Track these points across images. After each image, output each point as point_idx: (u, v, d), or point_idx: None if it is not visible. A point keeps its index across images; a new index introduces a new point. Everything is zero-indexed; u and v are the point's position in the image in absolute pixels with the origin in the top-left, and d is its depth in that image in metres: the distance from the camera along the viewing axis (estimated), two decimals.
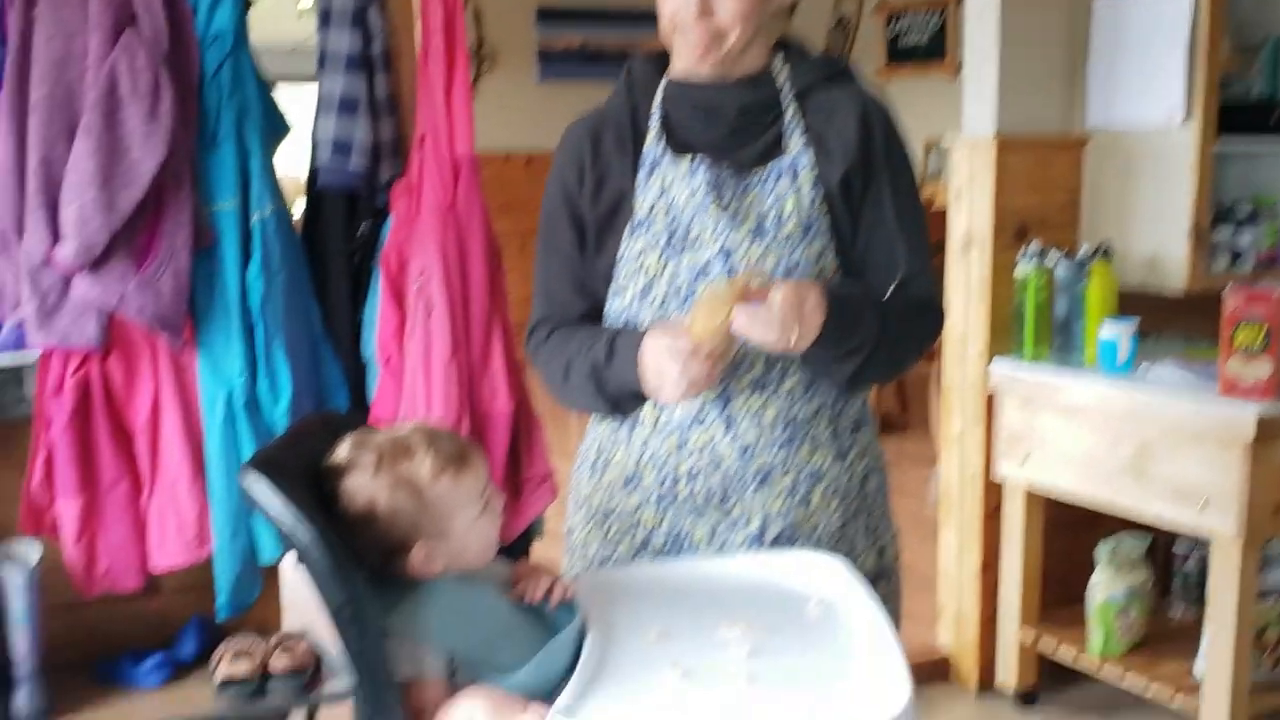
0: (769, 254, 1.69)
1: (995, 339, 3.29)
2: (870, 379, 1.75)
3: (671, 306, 1.71)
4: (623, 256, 1.75)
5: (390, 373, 2.52)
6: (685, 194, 1.71)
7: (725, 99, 1.74)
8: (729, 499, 1.73)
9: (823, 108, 1.75)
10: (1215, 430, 2.74)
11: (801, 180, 1.71)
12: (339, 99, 2.46)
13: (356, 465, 1.45)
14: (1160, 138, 3.17)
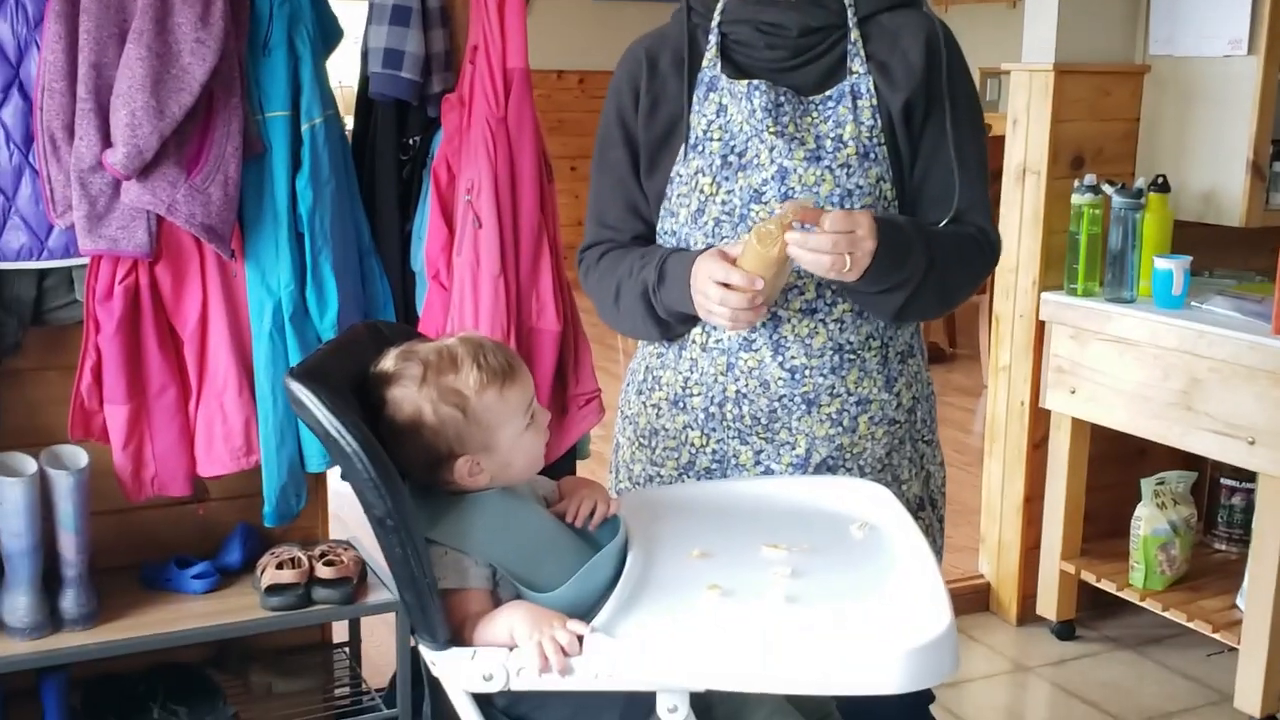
0: (825, 178, 1.67)
1: (1047, 270, 3.26)
2: (919, 313, 1.73)
3: (725, 229, 1.70)
4: (676, 177, 1.74)
5: (438, 287, 2.52)
6: (742, 116, 1.69)
7: (788, 19, 1.71)
8: (775, 423, 1.73)
9: (887, 32, 1.73)
10: (1266, 367, 2.70)
11: (862, 106, 1.69)
12: (391, 7, 2.44)
13: (403, 375, 1.45)
14: (1222, 68, 3.10)
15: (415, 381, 1.45)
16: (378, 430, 1.42)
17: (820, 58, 1.72)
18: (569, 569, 1.41)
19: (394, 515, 1.32)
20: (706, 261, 1.60)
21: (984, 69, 7.26)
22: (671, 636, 1.30)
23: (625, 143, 1.79)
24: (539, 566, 1.42)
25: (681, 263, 1.66)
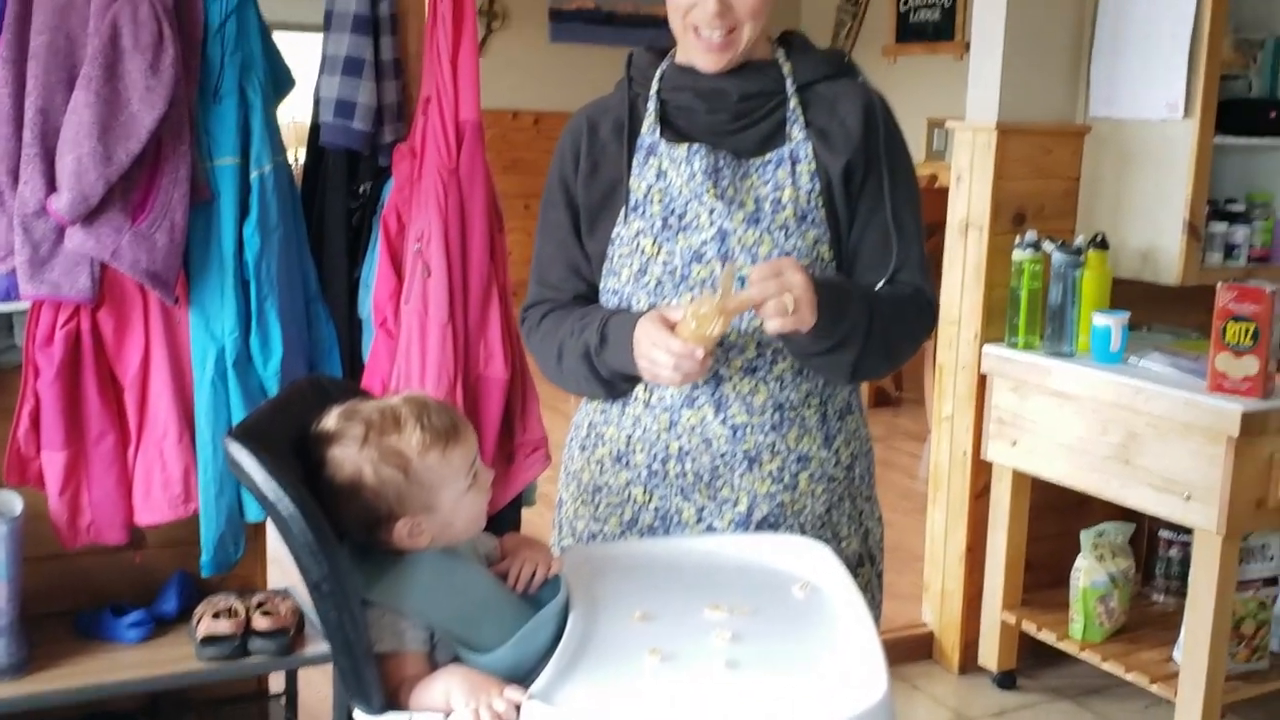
0: (764, 240, 1.70)
1: (989, 323, 3.31)
2: (870, 370, 1.75)
3: (667, 288, 1.73)
4: (618, 238, 1.77)
5: (385, 334, 2.52)
6: (682, 179, 1.73)
7: (728, 86, 1.75)
8: (717, 480, 1.75)
9: (825, 101, 1.77)
10: (1201, 424, 2.76)
11: (800, 170, 1.72)
12: (344, 59, 2.45)
13: (344, 435, 1.45)
14: (1160, 130, 3.17)
15: (357, 441, 1.44)
16: (317, 489, 1.42)
17: (759, 122, 1.76)
18: (509, 630, 1.41)
19: (330, 580, 1.32)
20: (648, 327, 1.62)
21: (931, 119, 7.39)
22: (610, 705, 1.30)
23: (566, 205, 1.82)
24: (478, 628, 1.42)
25: (623, 325, 1.68)
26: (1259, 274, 3.22)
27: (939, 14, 7.49)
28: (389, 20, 2.49)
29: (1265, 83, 3.32)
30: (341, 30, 2.44)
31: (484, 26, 7.60)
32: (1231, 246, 3.26)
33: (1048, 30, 3.28)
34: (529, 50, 7.77)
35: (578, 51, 7.82)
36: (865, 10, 8.08)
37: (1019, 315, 3.17)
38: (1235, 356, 2.74)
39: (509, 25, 7.74)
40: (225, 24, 2.28)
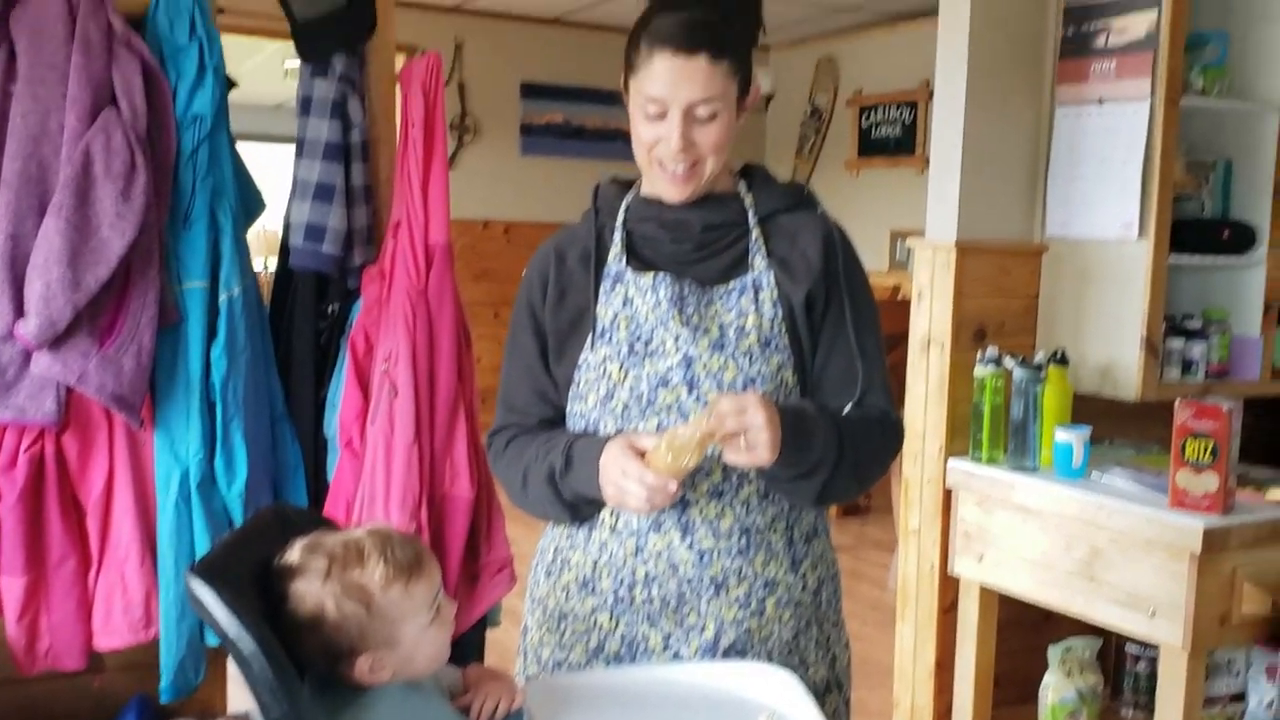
0: (729, 365, 1.73)
1: (953, 438, 3.34)
2: (839, 494, 1.77)
3: (633, 413, 1.75)
4: (585, 364, 1.79)
5: (351, 454, 2.53)
6: (648, 307, 1.76)
7: (692, 217, 1.79)
8: (684, 606, 1.75)
9: (786, 232, 1.81)
10: (1164, 540, 2.78)
11: (763, 298, 1.76)
12: (315, 185, 2.49)
13: (307, 569, 1.45)
14: (1115, 250, 3.24)
15: (319, 576, 1.44)
16: (279, 623, 1.41)
17: (723, 252, 1.80)
18: None
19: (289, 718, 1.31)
20: (618, 455, 1.64)
21: (895, 230, 7.52)
22: None
23: (534, 332, 1.85)
24: None
25: (588, 450, 1.70)
26: (1217, 389, 3.27)
27: (900, 129, 7.66)
28: (360, 147, 2.53)
29: (1217, 203, 3.41)
30: (313, 157, 2.48)
31: (456, 140, 7.73)
32: (1189, 362, 3.32)
33: (1004, 151, 3.37)
34: (500, 162, 7.91)
35: (547, 164, 7.96)
36: (828, 126, 8.26)
37: (982, 430, 3.21)
38: (1195, 473, 2.77)
39: (480, 138, 7.88)
40: (197, 151, 2.32)
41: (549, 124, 8.02)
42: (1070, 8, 3.31)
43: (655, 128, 1.73)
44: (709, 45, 1.69)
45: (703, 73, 1.69)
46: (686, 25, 1.69)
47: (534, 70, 7.94)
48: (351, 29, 2.51)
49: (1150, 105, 3.12)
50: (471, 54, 7.77)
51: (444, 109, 2.48)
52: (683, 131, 1.70)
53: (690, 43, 1.68)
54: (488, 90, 7.86)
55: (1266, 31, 3.31)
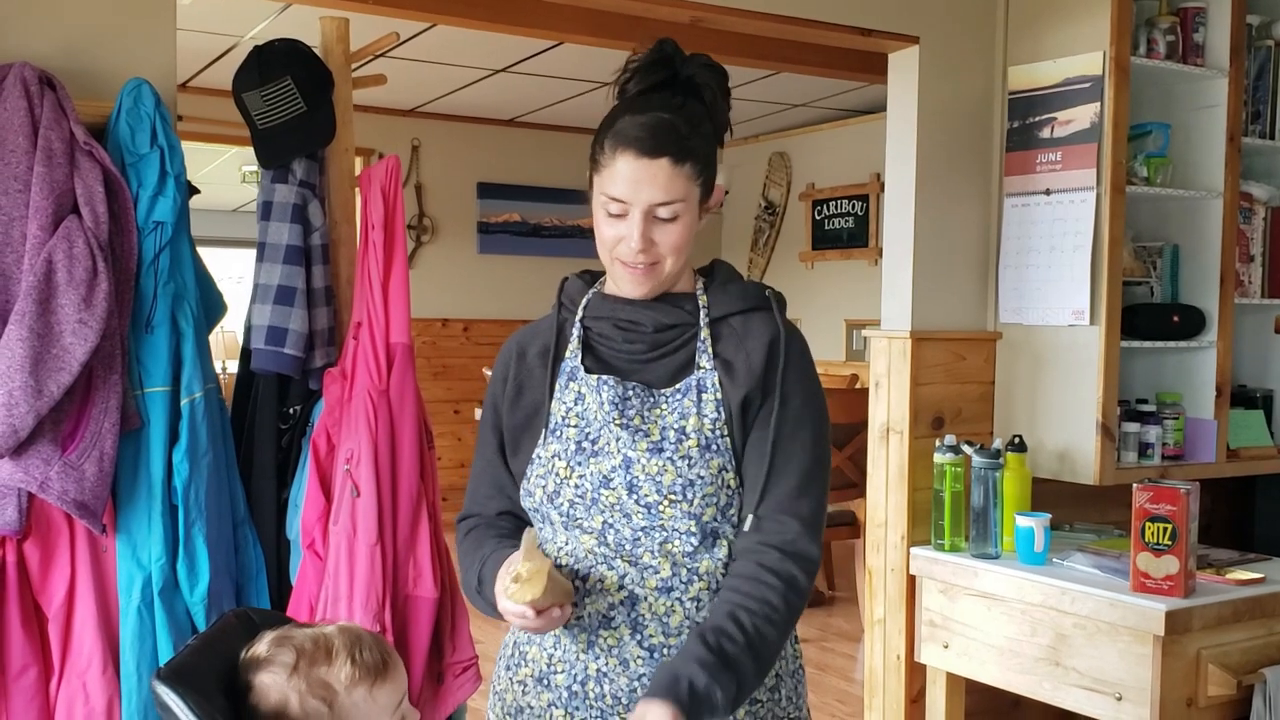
0: (667, 469, 1.72)
1: (915, 526, 3.36)
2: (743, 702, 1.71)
3: (578, 510, 1.75)
4: (537, 459, 1.81)
5: (313, 556, 2.51)
6: (596, 406, 1.77)
7: (645, 316, 1.80)
8: (636, 702, 1.73)
9: (735, 333, 1.81)
10: (1127, 624, 2.80)
11: (706, 400, 1.76)
12: (276, 288, 2.50)
13: (274, 662, 1.44)
14: (1068, 336, 3.31)
15: (286, 670, 1.43)
16: (241, 716, 1.40)
17: (675, 353, 1.81)
18: None
19: None
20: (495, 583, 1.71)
21: (850, 320, 7.62)
22: None
23: (494, 427, 1.88)
24: None
25: (493, 570, 1.75)
26: (1173, 472, 3.32)
27: (853, 221, 7.79)
28: (321, 250, 2.56)
29: (1167, 288, 3.49)
30: (274, 261, 2.51)
31: (414, 239, 7.79)
32: (1145, 445, 3.37)
33: (955, 242, 3.45)
34: (458, 261, 7.97)
35: (505, 261, 8.03)
36: (782, 219, 8.39)
37: (944, 518, 3.23)
38: (1155, 556, 2.80)
39: (438, 238, 7.94)
40: (159, 256, 2.33)
41: (506, 222, 8.10)
42: (1015, 100, 3.41)
43: (616, 226, 1.75)
44: (672, 149, 1.71)
45: (665, 175, 1.71)
46: (651, 128, 1.71)
47: (490, 170, 8.05)
48: (311, 135, 2.55)
49: (1096, 194, 3.21)
50: (429, 155, 7.87)
51: (403, 210, 2.52)
52: (643, 232, 1.72)
53: (654, 146, 1.70)
54: (445, 190, 7.95)
55: (1205, 120, 3.43)
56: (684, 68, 1.80)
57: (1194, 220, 3.45)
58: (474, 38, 5.49)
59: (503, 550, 1.77)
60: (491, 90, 7.02)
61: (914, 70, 3.37)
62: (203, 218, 2.59)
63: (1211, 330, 3.40)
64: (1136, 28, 3.28)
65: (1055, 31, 3.32)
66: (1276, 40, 3.56)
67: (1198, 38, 3.37)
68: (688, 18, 3.10)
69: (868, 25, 3.26)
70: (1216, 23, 3.38)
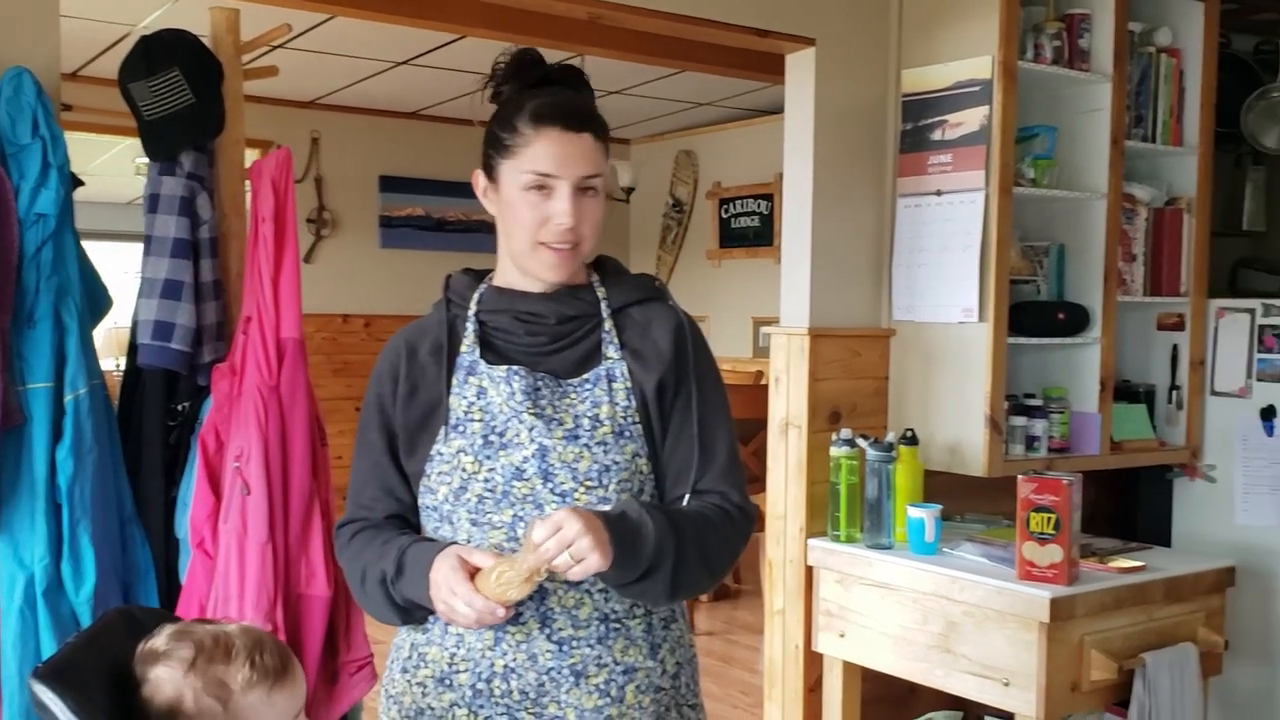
0: (583, 455, 1.75)
1: (813, 518, 3.41)
2: (691, 588, 1.78)
3: (488, 504, 1.75)
4: (437, 456, 1.80)
5: (203, 555, 2.48)
6: (501, 399, 1.78)
7: (546, 308, 1.82)
8: (544, 697, 1.74)
9: (637, 323, 1.85)
10: (1014, 611, 2.87)
11: (617, 388, 1.79)
12: (163, 282, 2.46)
13: (172, 656, 1.42)
14: (958, 333, 3.38)
15: (183, 665, 1.42)
16: (132, 709, 1.38)
17: (577, 344, 1.83)
18: None
19: None
20: (448, 573, 1.66)
21: (756, 318, 7.69)
22: None
23: (382, 427, 1.86)
24: None
25: (421, 558, 1.71)
26: (1059, 464, 3.41)
27: (758, 220, 7.87)
28: (209, 243, 2.52)
29: (1053, 286, 3.58)
30: (161, 254, 2.46)
31: (314, 234, 7.68)
32: (1032, 438, 3.45)
33: (851, 241, 3.51)
34: (359, 255, 7.88)
35: (408, 256, 7.95)
36: (690, 218, 8.43)
37: (839, 510, 3.29)
38: (1040, 545, 2.87)
39: (339, 232, 7.85)
40: (41, 250, 2.28)
41: (409, 216, 8.03)
42: (908, 103, 3.48)
43: (542, 206, 1.76)
44: (593, 125, 1.77)
45: (590, 148, 1.76)
46: (572, 104, 1.77)
47: (393, 163, 7.97)
48: (200, 126, 2.52)
49: (985, 195, 3.28)
50: (329, 148, 7.77)
51: (295, 203, 2.50)
52: (574, 205, 1.75)
53: (578, 121, 1.76)
54: (346, 184, 7.85)
55: (1090, 123, 3.52)
56: (554, 70, 1.85)
57: (1079, 220, 3.54)
58: (375, 30, 5.44)
59: (425, 542, 1.74)
60: (393, 83, 6.96)
61: (810, 71, 3.42)
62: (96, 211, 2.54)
63: (1096, 327, 3.50)
64: (1024, 33, 3.36)
65: (946, 35, 3.39)
66: (1158, 46, 3.67)
67: (1083, 43, 3.46)
68: (585, 14, 3.11)
69: (764, 26, 3.29)
70: (1101, 29, 3.47)
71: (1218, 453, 3.78)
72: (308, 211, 7.65)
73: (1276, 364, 3.66)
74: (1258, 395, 3.69)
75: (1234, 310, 3.76)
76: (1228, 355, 3.77)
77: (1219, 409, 3.78)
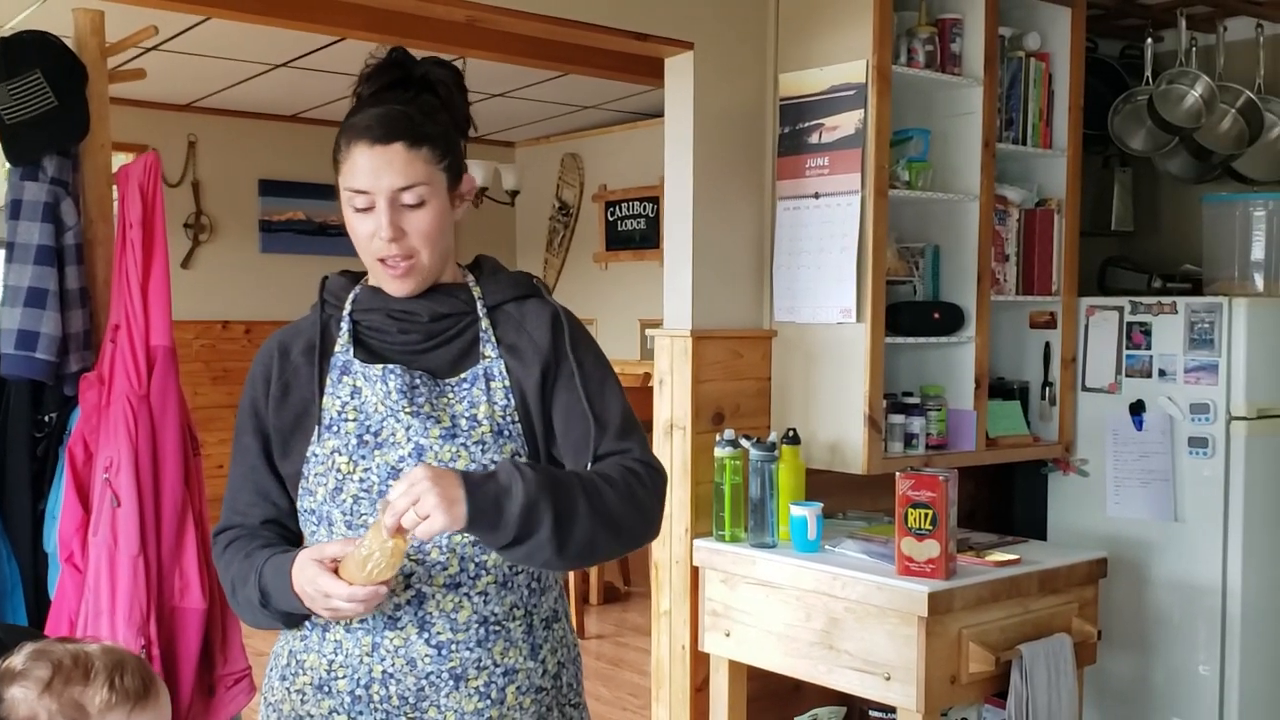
0: (461, 454, 1.74)
1: (698, 518, 3.43)
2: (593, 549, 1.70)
3: (364, 504, 1.74)
4: (313, 457, 1.78)
5: (72, 569, 2.42)
6: (377, 398, 1.76)
7: (419, 307, 1.81)
8: (424, 701, 1.73)
9: (513, 320, 1.84)
10: (894, 606, 2.92)
11: (495, 387, 1.78)
12: (27, 290, 2.40)
13: (28, 676, 1.38)
14: (837, 333, 3.43)
15: (39, 685, 1.37)
16: None
17: (451, 341, 1.82)
18: None
19: None
20: (312, 575, 1.63)
21: (643, 320, 7.71)
22: None
23: (256, 431, 1.83)
24: None
25: (279, 573, 1.69)
26: (936, 461, 3.48)
27: (644, 224, 7.89)
28: (74, 250, 2.46)
29: (929, 287, 3.66)
30: (24, 262, 2.40)
31: (191, 239, 7.51)
32: (910, 436, 3.52)
33: (732, 243, 3.54)
34: (238, 261, 7.73)
35: (289, 261, 7.81)
36: (576, 221, 8.43)
37: (724, 509, 3.31)
38: (918, 540, 2.93)
39: (217, 236, 7.68)
40: None
41: (290, 221, 7.90)
42: (785, 106, 3.52)
43: (366, 221, 1.75)
44: (405, 134, 1.73)
45: (401, 159, 1.72)
46: (381, 117, 1.74)
47: (272, 167, 7.83)
48: (63, 130, 2.45)
49: (861, 198, 3.33)
50: (206, 151, 7.61)
51: (163, 208, 2.44)
52: (390, 219, 1.72)
53: (385, 133, 1.72)
54: (224, 188, 7.69)
55: (962, 126, 3.60)
56: (416, 69, 1.83)
57: (953, 222, 3.62)
58: (252, 31, 5.34)
59: (281, 556, 1.72)
60: (272, 85, 6.84)
61: (689, 75, 3.44)
62: None
63: (970, 326, 3.58)
64: (898, 37, 3.43)
65: (822, 40, 3.44)
66: (1027, 51, 3.77)
67: (955, 48, 3.54)
68: (463, 17, 3.09)
69: (642, 30, 3.31)
70: (972, 34, 3.56)
71: (1090, 447, 3.90)
72: (185, 216, 7.48)
73: (1144, 360, 3.79)
74: (1127, 391, 3.81)
75: (1104, 308, 3.88)
76: (1098, 352, 3.89)
77: (1090, 404, 3.89)
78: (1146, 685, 3.76)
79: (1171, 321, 3.73)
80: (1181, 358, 3.70)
